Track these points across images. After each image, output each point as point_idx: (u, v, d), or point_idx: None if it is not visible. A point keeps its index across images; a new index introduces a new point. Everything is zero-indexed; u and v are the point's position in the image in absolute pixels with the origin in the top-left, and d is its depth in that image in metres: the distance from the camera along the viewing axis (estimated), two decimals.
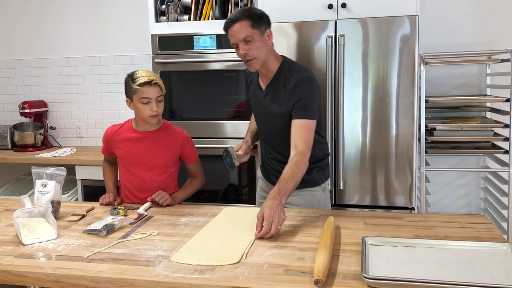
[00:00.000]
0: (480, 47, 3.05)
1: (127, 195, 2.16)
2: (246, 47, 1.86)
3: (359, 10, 2.61)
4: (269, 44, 1.93)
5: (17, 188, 3.50)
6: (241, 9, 1.93)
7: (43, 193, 1.84)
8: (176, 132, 2.18)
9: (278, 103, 1.96)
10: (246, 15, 1.86)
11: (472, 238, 1.52)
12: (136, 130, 2.12)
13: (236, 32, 1.86)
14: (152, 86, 1.99)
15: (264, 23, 1.90)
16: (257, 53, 1.87)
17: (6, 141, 3.74)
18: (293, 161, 1.80)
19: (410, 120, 2.56)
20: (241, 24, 1.85)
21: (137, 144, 2.11)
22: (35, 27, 3.85)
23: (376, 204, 2.66)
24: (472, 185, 3.22)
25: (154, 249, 1.50)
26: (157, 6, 3.03)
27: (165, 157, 2.13)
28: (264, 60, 1.91)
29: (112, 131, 2.17)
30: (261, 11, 1.93)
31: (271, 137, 2.09)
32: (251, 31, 1.85)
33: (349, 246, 1.48)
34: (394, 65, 2.54)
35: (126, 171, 2.16)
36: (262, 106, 2.04)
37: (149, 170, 2.11)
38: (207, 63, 2.94)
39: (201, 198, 3.02)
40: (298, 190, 1.93)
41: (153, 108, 2.01)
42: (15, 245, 1.57)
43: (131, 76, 2.03)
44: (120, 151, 2.14)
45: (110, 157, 2.26)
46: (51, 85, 3.87)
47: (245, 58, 1.89)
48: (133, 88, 1.99)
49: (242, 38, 1.85)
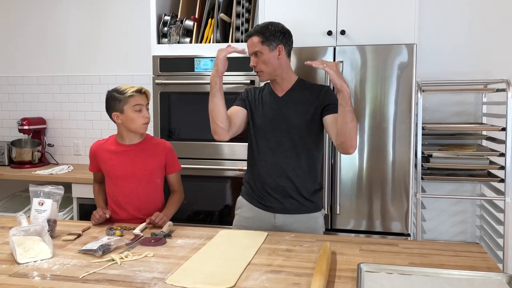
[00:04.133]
0: (476, 76, 3.10)
1: (115, 209, 2.17)
2: (255, 60, 2.05)
3: (358, 38, 2.66)
4: (280, 59, 2.05)
5: (13, 205, 3.49)
6: (260, 24, 2.10)
7: (40, 212, 1.84)
8: (158, 143, 2.25)
9: (298, 102, 2.05)
10: (259, 31, 2.04)
11: (467, 267, 1.52)
12: (120, 144, 2.18)
13: (249, 46, 2.07)
14: (142, 94, 2.14)
15: (277, 39, 2.03)
16: (263, 67, 2.04)
17: (3, 157, 3.74)
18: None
19: (406, 146, 2.58)
20: (253, 39, 2.04)
21: (121, 157, 2.15)
22: (37, 44, 3.89)
23: (372, 229, 2.66)
24: (467, 213, 3.22)
25: (149, 271, 1.49)
26: (159, 28, 3.08)
27: (150, 168, 2.16)
28: (271, 73, 2.06)
29: (97, 146, 2.22)
30: (278, 29, 2.05)
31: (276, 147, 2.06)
32: (260, 47, 2.02)
33: (345, 272, 1.48)
34: (391, 92, 2.58)
35: (113, 185, 2.18)
36: (276, 112, 2.07)
37: (135, 182, 2.14)
38: (207, 85, 2.96)
39: (197, 219, 3.02)
40: (301, 215, 1.97)
41: (146, 114, 2.13)
42: (10, 263, 1.56)
43: (116, 90, 2.14)
44: (106, 165, 2.18)
45: (99, 176, 2.28)
46: (51, 102, 3.90)
47: (254, 69, 2.09)
48: (124, 99, 2.09)
49: (252, 52, 2.05)
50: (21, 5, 3.88)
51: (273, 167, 2.07)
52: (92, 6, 3.75)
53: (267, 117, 2.09)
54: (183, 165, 2.89)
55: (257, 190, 2.13)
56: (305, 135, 2.05)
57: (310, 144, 2.07)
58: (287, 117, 2.05)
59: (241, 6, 2.97)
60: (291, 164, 2.05)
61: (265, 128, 2.09)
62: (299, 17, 2.74)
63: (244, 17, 2.97)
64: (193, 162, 3.00)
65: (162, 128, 3.05)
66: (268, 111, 2.09)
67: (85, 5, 3.76)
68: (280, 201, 2.06)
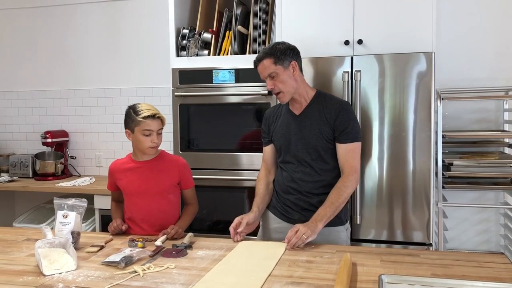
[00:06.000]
0: (497, 82, 3.06)
1: (130, 225, 2.20)
2: (272, 82, 2.03)
3: (375, 47, 2.66)
4: (295, 75, 2.05)
5: (37, 216, 3.56)
6: (266, 47, 2.07)
7: (64, 224, 1.88)
8: (172, 159, 2.24)
9: (314, 122, 2.05)
10: (268, 53, 2.02)
11: (491, 279, 1.50)
12: (134, 160, 2.20)
13: (262, 70, 2.05)
14: (155, 119, 2.10)
15: (288, 56, 2.02)
16: (282, 86, 2.03)
17: (28, 170, 3.83)
18: (336, 187, 2.00)
19: (427, 155, 2.56)
20: (265, 62, 2.02)
21: (135, 174, 2.18)
22: (58, 59, 3.99)
23: (393, 239, 2.64)
24: (491, 221, 3.17)
25: (171, 283, 1.51)
26: (178, 41, 3.13)
27: (163, 184, 2.17)
28: (291, 91, 2.05)
29: (114, 164, 2.26)
30: (285, 46, 2.05)
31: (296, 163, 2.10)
32: (274, 68, 2.01)
33: (366, 284, 1.48)
34: (410, 100, 2.56)
35: (128, 201, 2.22)
36: (293, 132, 2.09)
37: (148, 199, 2.16)
38: (226, 96, 3.00)
39: (216, 229, 3.03)
40: (323, 228, 1.96)
41: (154, 140, 2.11)
42: (36, 275, 1.60)
43: (133, 108, 2.13)
44: (122, 182, 2.21)
45: (116, 195, 2.31)
46: (73, 115, 3.99)
47: (273, 92, 2.06)
48: (136, 120, 2.08)
49: (267, 75, 2.03)
50: (42, 20, 3.99)
51: (294, 183, 2.10)
52: (113, 21, 3.83)
53: (284, 136, 2.12)
54: (202, 176, 2.96)
55: (279, 203, 2.16)
56: (323, 154, 2.06)
57: (329, 160, 2.08)
58: (304, 137, 2.07)
59: (258, 18, 3.00)
60: (311, 178, 2.07)
61: (283, 147, 2.13)
62: (316, 27, 2.76)
63: (261, 29, 3.00)
64: (212, 173, 3.02)
65: (182, 139, 3.08)
66: (285, 131, 2.12)
67: (105, 19, 3.85)
68: (302, 213, 2.07)
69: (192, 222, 2.28)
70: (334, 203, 1.96)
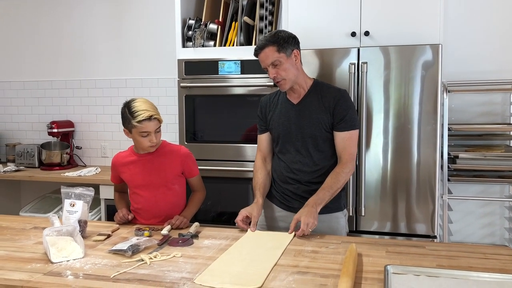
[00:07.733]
0: (504, 75, 3.05)
1: (138, 218, 2.20)
2: (274, 70, 2.01)
3: (382, 38, 2.65)
4: (297, 63, 2.05)
5: (43, 206, 3.59)
6: (268, 35, 2.04)
7: (71, 213, 1.89)
8: (173, 150, 2.21)
9: (312, 111, 2.05)
10: (271, 41, 1.99)
11: (496, 270, 1.50)
12: (136, 153, 2.19)
13: (264, 58, 2.01)
14: (152, 121, 2.03)
15: (290, 45, 2.01)
16: (285, 74, 2.01)
17: (34, 160, 3.85)
18: (335, 173, 2.03)
19: (432, 147, 2.56)
20: (267, 50, 1.99)
21: (137, 166, 2.17)
22: (64, 49, 4.00)
23: (397, 231, 2.64)
24: (496, 214, 3.17)
25: (178, 271, 1.52)
26: (184, 32, 3.13)
27: (166, 175, 2.17)
28: (293, 79, 2.04)
29: (117, 157, 2.25)
30: (287, 34, 2.03)
31: (294, 152, 2.11)
32: (277, 56, 1.99)
33: (371, 274, 1.48)
34: (416, 92, 2.56)
35: (134, 195, 2.22)
36: (292, 121, 2.09)
37: (152, 190, 2.16)
38: (231, 87, 3.00)
39: (221, 220, 3.05)
40: (323, 215, 1.97)
41: (152, 140, 2.07)
42: (44, 262, 1.61)
43: (128, 109, 2.05)
44: (125, 175, 2.21)
45: (120, 186, 2.32)
46: (79, 106, 4.00)
47: (275, 80, 2.04)
48: (132, 124, 2.03)
49: (270, 63, 2.00)
50: (49, 11, 3.99)
51: (293, 171, 2.11)
52: (118, 11, 3.83)
53: (282, 126, 2.12)
54: (207, 166, 2.96)
55: (278, 192, 2.16)
56: (321, 143, 2.07)
57: (327, 148, 2.09)
58: (302, 126, 2.07)
59: (265, 9, 2.99)
60: (309, 168, 2.08)
61: (281, 136, 2.13)
62: (323, 18, 2.75)
63: (268, 20, 2.99)
64: (217, 164, 3.03)
65: (187, 130, 3.09)
66: (283, 120, 2.12)
67: (111, 10, 3.84)
68: (301, 201, 2.08)
69: (197, 213, 2.28)
70: (333, 187, 1.99)
